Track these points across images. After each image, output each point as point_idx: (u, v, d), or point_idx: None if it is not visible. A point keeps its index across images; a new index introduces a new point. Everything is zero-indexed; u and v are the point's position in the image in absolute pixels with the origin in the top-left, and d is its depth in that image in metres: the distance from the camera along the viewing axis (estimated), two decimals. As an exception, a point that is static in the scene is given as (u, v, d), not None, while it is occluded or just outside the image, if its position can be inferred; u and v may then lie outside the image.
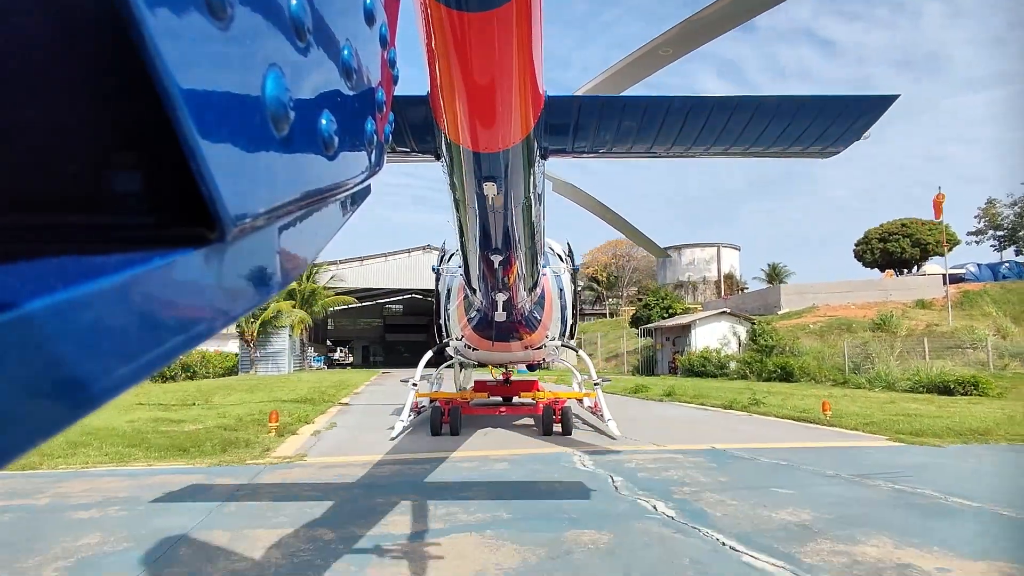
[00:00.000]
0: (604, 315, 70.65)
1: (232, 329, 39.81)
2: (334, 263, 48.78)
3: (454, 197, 3.39)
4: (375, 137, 0.97)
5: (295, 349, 42.77)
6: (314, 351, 51.25)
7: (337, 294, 46.33)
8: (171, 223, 0.53)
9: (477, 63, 1.97)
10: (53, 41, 0.46)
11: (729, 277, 76.48)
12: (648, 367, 36.59)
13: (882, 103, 2.76)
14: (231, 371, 36.64)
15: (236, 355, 38.45)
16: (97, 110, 0.51)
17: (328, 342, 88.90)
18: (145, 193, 0.53)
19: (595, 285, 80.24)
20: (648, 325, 38.11)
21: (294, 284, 40.53)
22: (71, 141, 0.52)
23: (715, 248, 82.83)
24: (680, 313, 40.43)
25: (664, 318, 39.18)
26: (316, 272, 43.23)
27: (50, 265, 0.48)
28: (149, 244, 0.50)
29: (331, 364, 70.41)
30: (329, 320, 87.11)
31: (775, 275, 65.74)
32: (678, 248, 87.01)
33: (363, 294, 61.38)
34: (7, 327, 0.35)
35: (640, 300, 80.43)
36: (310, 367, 46.23)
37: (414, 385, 9.62)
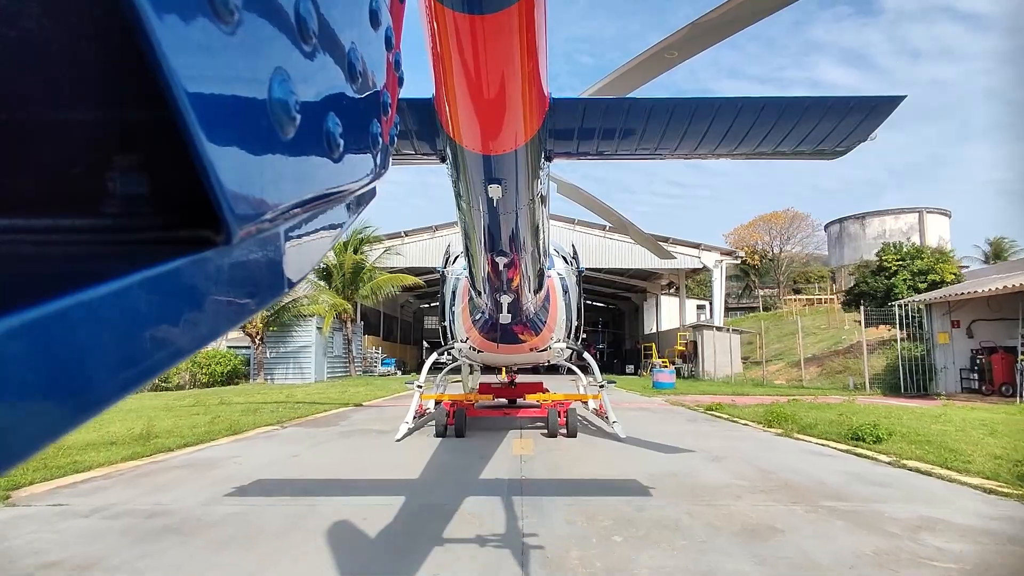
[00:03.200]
0: (754, 308, 58.12)
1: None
2: (397, 235, 40.07)
3: (459, 199, 3.42)
4: (380, 140, 0.98)
5: (331, 347, 32.39)
6: (380, 351, 41.60)
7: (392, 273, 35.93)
8: (178, 226, 0.55)
9: (482, 66, 1.98)
10: (60, 45, 0.47)
11: (940, 253, 49.42)
12: (919, 380, 21.11)
13: (889, 104, 2.70)
14: (230, 378, 26.70)
15: (234, 354, 28.14)
16: (104, 113, 0.52)
17: (425, 343, 72.51)
18: (152, 196, 0.55)
19: (744, 273, 56.61)
20: (910, 298, 19.31)
21: (330, 260, 32.50)
22: (78, 144, 0.53)
23: (916, 214, 56.84)
24: (952, 281, 19.05)
25: (919, 290, 18.20)
26: (364, 246, 34.96)
27: (56, 267, 0.49)
28: (156, 247, 0.51)
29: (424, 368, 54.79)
30: (424, 319, 70.58)
31: (998, 253, 51.37)
32: (860, 218, 62.00)
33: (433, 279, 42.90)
34: (12, 329, 0.35)
35: (797, 291, 56.20)
36: (359, 373, 35.93)
37: (419, 387, 9.79)
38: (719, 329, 32.85)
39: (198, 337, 0.52)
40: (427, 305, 69.57)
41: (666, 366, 41.27)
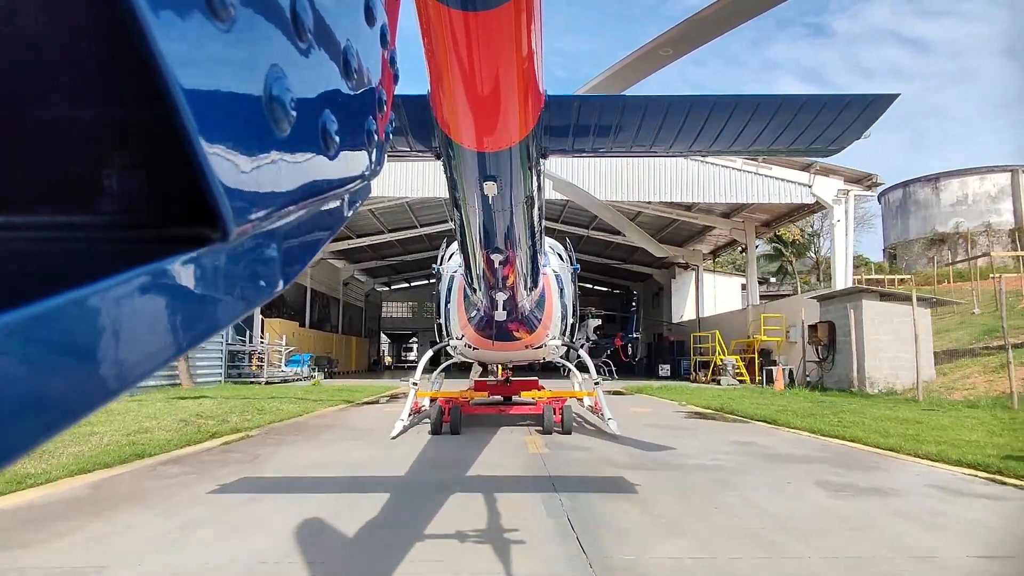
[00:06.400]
0: (790, 294, 41.55)
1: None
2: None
3: (454, 196, 3.50)
4: (376, 136, 0.99)
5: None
6: (284, 340, 27.26)
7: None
8: (175, 224, 0.58)
9: (477, 62, 2.02)
10: (57, 43, 0.50)
11: (1037, 221, 36.03)
12: None
13: (882, 102, 2.68)
14: None
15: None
16: (100, 111, 0.55)
17: (384, 335, 53.86)
18: (149, 194, 0.58)
19: (780, 250, 50.50)
20: None
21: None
22: (75, 142, 0.56)
23: (1007, 174, 37.71)
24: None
25: None
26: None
27: (53, 264, 0.52)
28: (153, 244, 0.53)
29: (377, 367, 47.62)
30: (384, 304, 50.78)
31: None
32: (933, 180, 42.39)
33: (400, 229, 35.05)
34: (9, 326, 0.36)
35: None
36: (203, 380, 20.65)
37: (414, 384, 10.07)
38: (901, 298, 16.63)
39: (195, 334, 0.54)
40: (386, 287, 51.65)
41: (741, 369, 25.88)
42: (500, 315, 5.86)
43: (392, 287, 55.37)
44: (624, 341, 33.51)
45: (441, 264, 9.47)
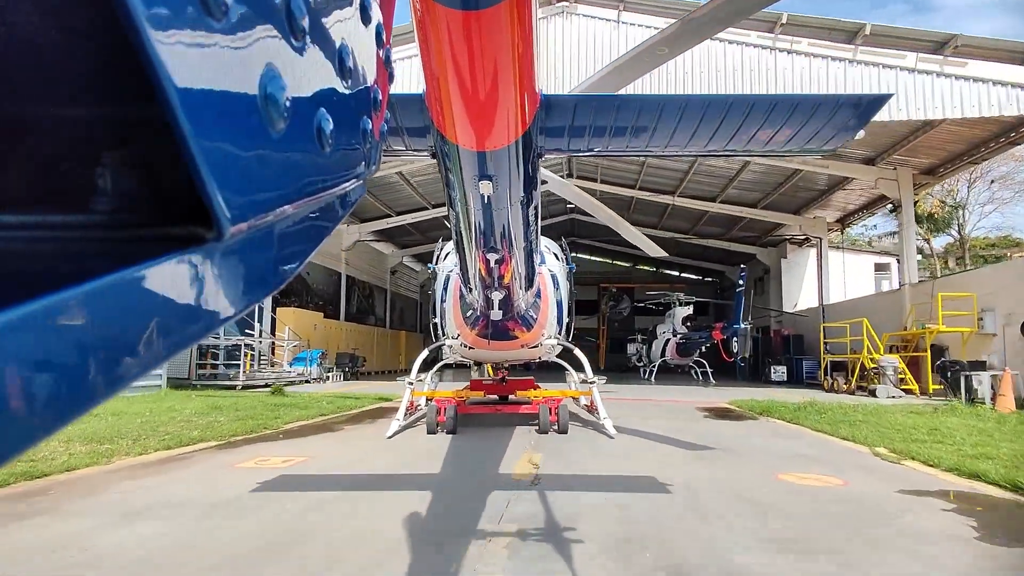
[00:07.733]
0: (925, 279, 25.14)
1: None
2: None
3: (450, 195, 3.61)
4: (371, 136, 1.00)
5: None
6: (292, 337, 22.98)
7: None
8: (169, 223, 0.59)
9: (472, 61, 2.06)
10: (51, 41, 0.51)
11: None
12: None
13: (876, 102, 2.79)
14: None
15: None
16: (95, 110, 0.56)
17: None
18: (143, 193, 0.60)
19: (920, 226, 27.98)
20: None
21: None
22: (69, 141, 0.57)
23: None
24: None
25: None
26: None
27: (47, 264, 0.53)
28: (148, 243, 0.54)
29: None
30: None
31: None
32: None
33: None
34: (3, 325, 0.37)
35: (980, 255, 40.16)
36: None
37: (410, 384, 10.19)
38: None
39: (190, 333, 0.55)
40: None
41: (905, 372, 18.54)
42: (496, 314, 6.05)
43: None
44: (726, 334, 23.74)
45: (436, 263, 9.68)
